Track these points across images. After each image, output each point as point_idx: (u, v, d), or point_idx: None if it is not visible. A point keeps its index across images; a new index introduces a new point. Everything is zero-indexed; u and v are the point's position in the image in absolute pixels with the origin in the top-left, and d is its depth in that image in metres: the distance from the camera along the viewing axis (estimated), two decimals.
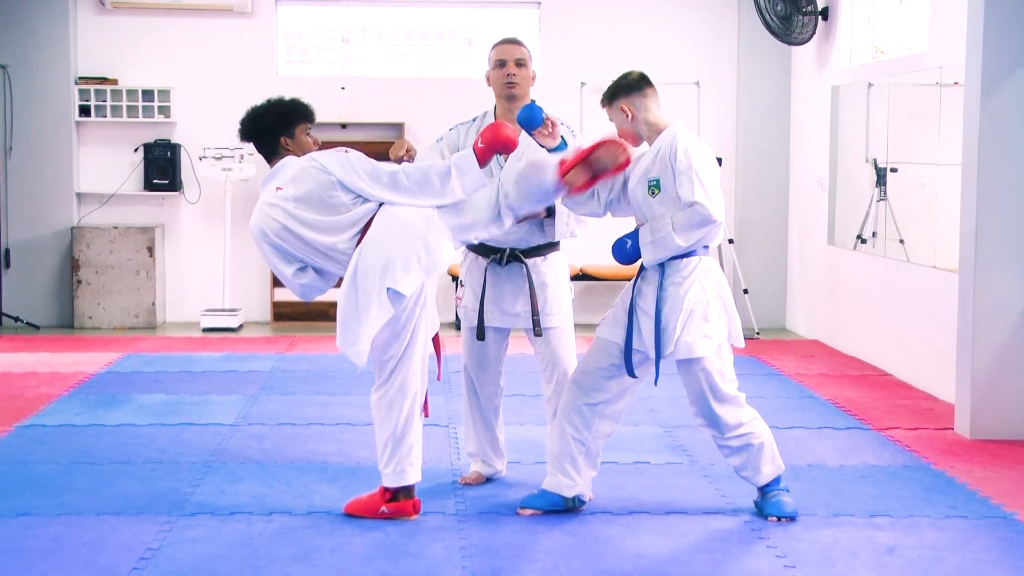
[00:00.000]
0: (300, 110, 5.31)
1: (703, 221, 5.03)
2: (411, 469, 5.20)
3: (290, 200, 5.05)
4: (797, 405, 7.79)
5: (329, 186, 5.03)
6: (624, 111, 5.21)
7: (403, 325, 5.07)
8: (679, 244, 5.06)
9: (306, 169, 5.08)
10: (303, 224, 5.03)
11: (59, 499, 5.49)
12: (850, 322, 9.87)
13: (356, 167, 5.05)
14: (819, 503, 5.56)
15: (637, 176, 5.22)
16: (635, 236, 5.17)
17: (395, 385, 5.14)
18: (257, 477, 5.91)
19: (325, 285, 5.22)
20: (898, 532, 5.18)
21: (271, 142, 5.25)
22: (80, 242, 11.12)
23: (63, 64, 11.21)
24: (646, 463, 6.27)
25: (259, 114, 5.29)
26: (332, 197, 5.03)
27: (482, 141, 5.06)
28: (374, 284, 4.92)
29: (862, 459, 6.39)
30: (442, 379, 5.54)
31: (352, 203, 5.03)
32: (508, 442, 6.16)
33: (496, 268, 5.59)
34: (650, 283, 5.19)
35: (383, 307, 4.93)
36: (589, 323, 11.03)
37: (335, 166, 5.05)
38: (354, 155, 5.12)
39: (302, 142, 5.27)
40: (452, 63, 11.91)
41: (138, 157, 11.40)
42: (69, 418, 7.19)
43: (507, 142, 5.06)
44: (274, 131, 5.24)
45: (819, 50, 10.66)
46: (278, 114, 5.27)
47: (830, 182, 10.33)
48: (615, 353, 5.23)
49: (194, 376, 8.63)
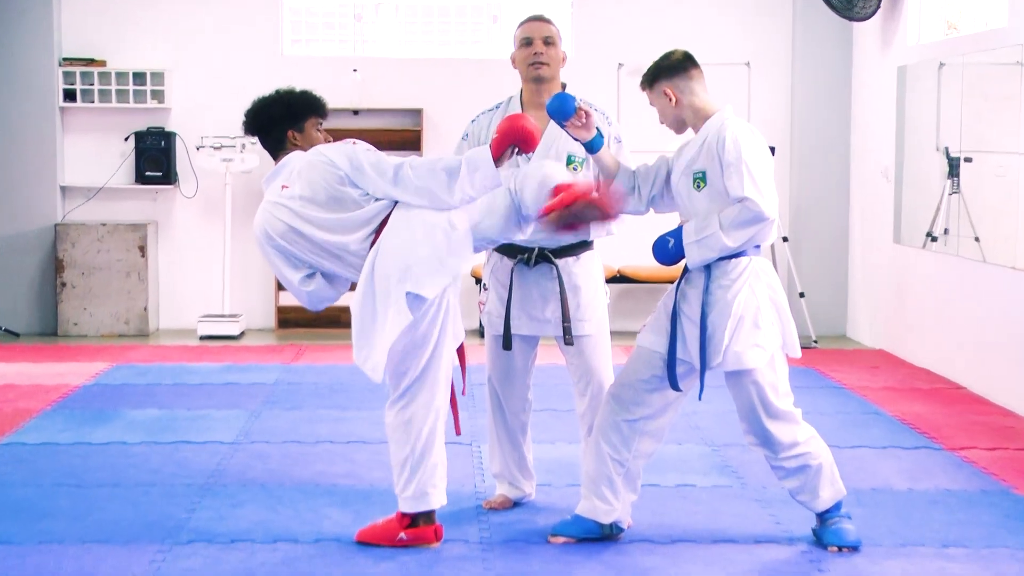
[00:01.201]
0: (311, 103, 5.33)
1: (754, 218, 5.01)
2: (434, 491, 5.19)
3: (296, 198, 5.06)
4: (860, 422, 7.76)
5: (337, 181, 5.03)
6: (667, 95, 5.18)
7: (425, 333, 5.07)
8: (727, 244, 5.04)
9: (312, 164, 5.08)
10: (311, 223, 5.03)
11: (40, 525, 5.51)
12: (919, 329, 9.82)
13: (362, 160, 5.05)
14: (885, 531, 5.53)
15: (681, 167, 5.21)
16: (678, 234, 5.14)
17: (418, 400, 5.13)
18: (260, 501, 5.92)
19: (335, 293, 5.22)
20: (974, 564, 5.14)
21: (278, 136, 5.28)
22: (64, 241, 11.17)
23: (45, 44, 11.26)
24: (691, 486, 6.26)
25: (266, 106, 5.31)
26: (341, 193, 5.03)
27: (497, 132, 5.03)
28: (392, 288, 4.92)
29: (933, 482, 6.35)
30: (466, 393, 5.54)
31: (363, 199, 5.04)
32: (538, 462, 6.15)
33: (523, 270, 5.59)
34: (695, 286, 5.17)
35: (401, 313, 4.92)
36: (628, 330, 11.02)
37: (342, 159, 5.05)
38: (361, 147, 5.13)
39: (311, 137, 5.29)
40: (475, 42, 11.92)
41: (129, 147, 11.45)
42: (52, 435, 7.22)
43: (524, 134, 4.98)
44: (281, 124, 5.27)
45: (884, 26, 10.62)
46: (287, 106, 5.29)
47: (896, 173, 10.29)
48: (657, 363, 5.21)
49: (190, 389, 8.65)
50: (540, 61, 5.56)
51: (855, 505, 5.80)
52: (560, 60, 5.64)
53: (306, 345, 10.65)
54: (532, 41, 5.59)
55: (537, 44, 5.57)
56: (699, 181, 5.13)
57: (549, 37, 5.60)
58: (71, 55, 11.40)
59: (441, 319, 5.10)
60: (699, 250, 5.08)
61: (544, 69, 5.57)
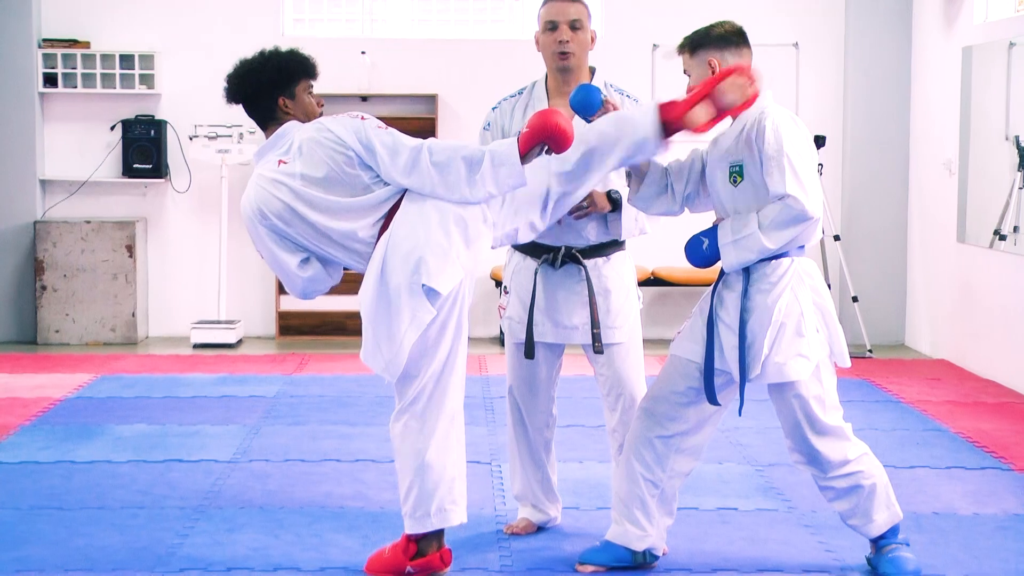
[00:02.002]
0: (300, 64, 5.30)
1: (796, 218, 4.98)
2: (453, 508, 5.14)
3: (296, 176, 5.03)
4: (919, 439, 7.75)
5: (346, 162, 5.01)
6: (711, 65, 5.13)
7: (438, 332, 5.05)
8: (766, 245, 5.02)
9: (317, 142, 5.05)
10: (313, 207, 5.00)
11: (18, 552, 5.53)
12: (985, 338, 9.81)
13: (373, 140, 5.02)
14: (948, 560, 5.52)
15: (716, 159, 5.20)
16: (713, 234, 5.13)
17: (430, 407, 5.10)
18: (259, 525, 5.93)
19: (328, 281, 5.18)
20: None
21: (267, 104, 5.23)
22: (45, 240, 11.23)
23: (23, 23, 11.32)
24: (733, 509, 6.26)
25: (252, 70, 5.25)
26: (349, 176, 5.01)
27: (528, 127, 4.99)
28: (405, 280, 4.91)
29: (1001, 506, 6.34)
30: (475, 405, 5.54)
31: (373, 181, 5.02)
32: (563, 483, 6.16)
33: (548, 271, 5.59)
34: (732, 290, 5.17)
35: (420, 308, 4.91)
36: (662, 338, 11.03)
37: (350, 137, 5.02)
38: (371, 123, 5.08)
39: (304, 103, 5.26)
40: (494, 22, 11.95)
41: (115, 136, 11.51)
42: (31, 454, 7.25)
43: (557, 132, 4.93)
44: (271, 91, 5.21)
45: (947, 2, 10.61)
46: (276, 69, 5.24)
47: (960, 165, 10.28)
48: (693, 374, 5.21)
49: (183, 403, 8.68)
50: (566, 51, 5.50)
51: (914, 531, 5.79)
52: (589, 44, 5.57)
53: (310, 354, 10.68)
54: (557, 25, 5.50)
55: (563, 30, 5.49)
56: (735, 175, 5.12)
57: (577, 20, 5.51)
58: (52, 36, 11.47)
59: (457, 317, 5.08)
60: (736, 252, 5.07)
61: (570, 59, 5.51)
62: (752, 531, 5.93)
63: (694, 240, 5.17)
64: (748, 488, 6.65)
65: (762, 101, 5.13)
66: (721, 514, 6.18)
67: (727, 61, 5.13)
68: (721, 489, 6.60)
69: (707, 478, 6.73)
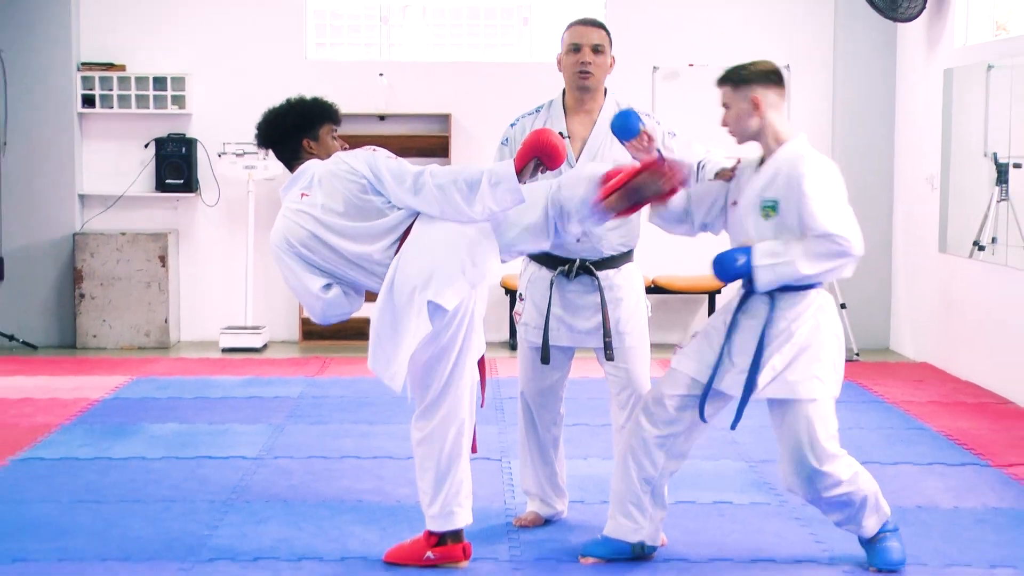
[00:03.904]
0: (324, 110, 5.36)
1: (840, 253, 4.93)
2: (460, 511, 5.20)
3: (317, 206, 5.08)
4: (903, 437, 7.74)
5: (359, 190, 5.06)
6: (754, 102, 5.08)
7: (447, 344, 5.09)
8: (803, 273, 4.94)
9: (333, 173, 5.10)
10: (333, 232, 5.05)
11: (59, 543, 5.55)
12: (965, 342, 9.80)
13: (381, 168, 5.06)
14: (930, 551, 5.52)
15: (749, 194, 5.12)
16: (748, 252, 5.01)
17: (439, 414, 5.15)
18: (284, 518, 5.95)
19: (349, 308, 5.20)
20: None
21: (293, 146, 5.30)
22: (83, 250, 11.25)
23: (64, 48, 11.35)
24: (728, 503, 6.26)
25: (279, 116, 5.33)
26: (363, 201, 5.05)
27: (522, 145, 5.03)
28: (413, 297, 4.94)
29: (980, 500, 6.34)
30: (487, 406, 5.55)
31: (385, 207, 5.06)
32: (570, 478, 6.16)
33: (563, 281, 5.60)
34: (754, 316, 5.09)
35: (422, 323, 4.94)
36: (663, 342, 11.03)
37: (363, 168, 5.07)
38: (381, 154, 5.14)
39: (327, 145, 5.31)
40: (505, 45, 11.96)
41: (149, 154, 11.53)
42: (71, 451, 7.26)
43: (549, 149, 4.97)
44: (296, 134, 5.29)
45: (930, 27, 10.61)
46: (300, 115, 5.31)
47: (942, 180, 10.27)
48: (692, 388, 5.19)
49: (212, 403, 8.70)
50: (587, 71, 5.55)
51: (899, 524, 5.79)
52: (608, 67, 5.63)
53: (331, 358, 10.69)
54: (580, 48, 5.57)
55: (585, 52, 5.56)
56: (769, 210, 5.04)
57: (598, 44, 5.59)
58: (90, 60, 11.49)
59: (464, 331, 5.11)
60: (770, 274, 4.97)
61: (590, 79, 5.57)
62: (746, 523, 5.93)
63: (728, 256, 5.04)
64: (742, 483, 6.65)
65: (797, 144, 5.09)
66: (717, 507, 6.19)
67: (768, 99, 5.08)
68: (717, 484, 6.60)
69: (704, 474, 6.74)
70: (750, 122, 5.10)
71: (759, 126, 5.11)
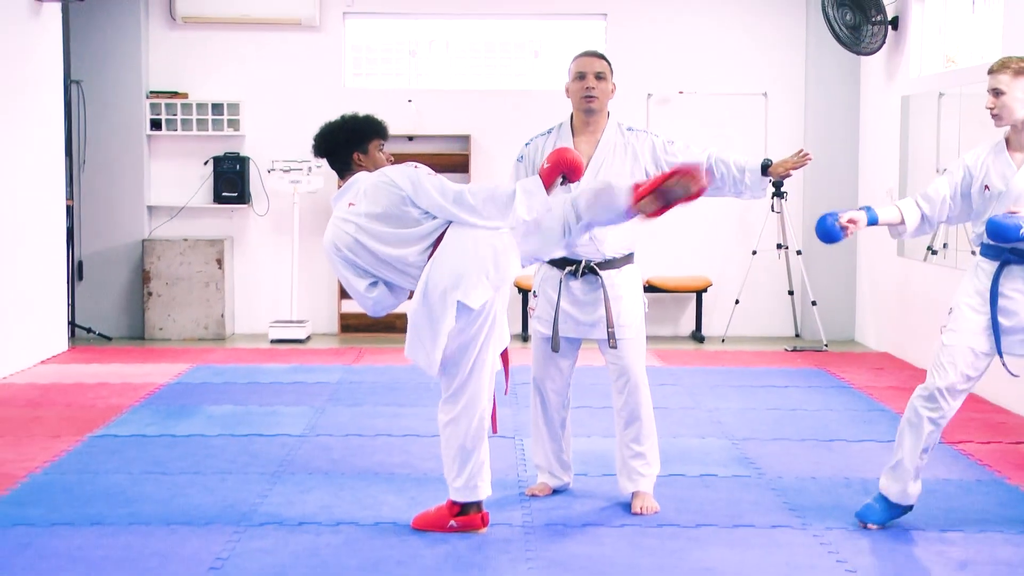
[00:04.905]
0: (374, 126, 5.34)
1: None
2: (482, 484, 5.20)
3: (362, 215, 5.08)
4: (866, 418, 7.71)
5: (400, 201, 5.05)
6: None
7: (472, 339, 5.08)
8: None
9: (377, 185, 5.11)
10: (374, 238, 5.05)
11: (130, 509, 5.55)
12: (920, 334, 9.76)
13: (424, 183, 5.07)
14: None
15: (1015, 179, 5.13)
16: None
17: (464, 400, 5.15)
18: (325, 488, 5.94)
19: (395, 301, 5.23)
20: (971, 547, 5.11)
21: (344, 158, 5.28)
22: (151, 254, 11.26)
23: (135, 79, 11.37)
24: (713, 475, 6.24)
25: (333, 130, 5.32)
26: (402, 211, 5.05)
27: (548, 162, 5.06)
28: (445, 297, 4.95)
29: (933, 473, 6.30)
30: (509, 393, 5.54)
31: (422, 217, 5.06)
32: (575, 454, 6.15)
33: (571, 280, 5.61)
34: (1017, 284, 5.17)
35: (450, 319, 4.96)
36: (655, 335, 11.00)
37: (404, 181, 5.07)
38: (423, 170, 5.14)
39: (375, 158, 5.30)
40: (518, 75, 11.93)
41: (208, 170, 11.53)
42: (140, 428, 7.27)
43: (573, 165, 5.03)
44: (348, 147, 5.27)
45: (889, 60, 10.58)
46: (352, 130, 5.30)
47: (900, 193, 10.23)
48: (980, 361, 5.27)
49: (262, 387, 8.69)
50: (591, 95, 5.57)
51: (863, 494, 5.78)
52: (609, 92, 5.65)
53: (366, 348, 10.68)
54: (585, 75, 5.58)
55: (589, 79, 5.58)
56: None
57: (601, 72, 5.60)
58: (157, 88, 11.50)
59: (488, 327, 5.11)
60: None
61: (594, 103, 5.58)
62: (729, 494, 5.91)
63: (1011, 224, 5.02)
64: (726, 459, 6.63)
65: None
66: (703, 480, 6.17)
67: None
68: (703, 459, 6.58)
69: (692, 450, 6.72)
70: (1020, 110, 5.12)
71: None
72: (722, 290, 11.52)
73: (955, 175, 5.33)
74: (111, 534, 5.18)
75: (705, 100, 11.39)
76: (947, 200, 5.33)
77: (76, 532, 5.20)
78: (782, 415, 7.73)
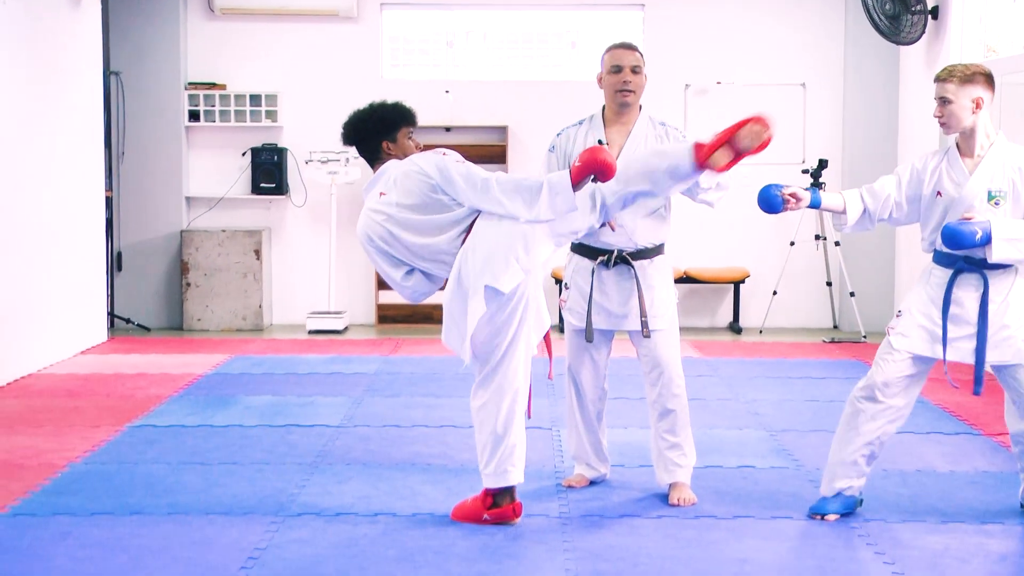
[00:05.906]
0: (403, 114, 5.33)
1: None
2: (513, 470, 5.16)
3: (393, 204, 5.09)
4: None
5: (429, 189, 5.06)
6: (975, 102, 5.09)
7: (504, 323, 5.07)
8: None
9: (407, 173, 5.11)
10: (406, 228, 5.06)
11: (169, 498, 5.58)
12: None
13: (451, 170, 5.06)
14: (928, 509, 5.48)
15: (966, 185, 5.10)
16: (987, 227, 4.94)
17: (495, 383, 5.13)
18: (362, 478, 5.96)
19: (432, 288, 5.23)
20: (1010, 540, 5.08)
21: (373, 146, 5.29)
22: (189, 245, 11.31)
23: (174, 70, 11.42)
24: (751, 467, 6.22)
25: (362, 119, 5.32)
26: (432, 199, 5.05)
27: (579, 161, 4.98)
28: (475, 282, 4.95)
29: (972, 465, 6.28)
30: (539, 381, 5.52)
31: (452, 203, 5.05)
32: (611, 445, 6.15)
33: (603, 271, 5.59)
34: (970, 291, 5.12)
35: (480, 303, 4.94)
36: (693, 326, 11.00)
37: (432, 169, 5.07)
38: (451, 157, 5.13)
39: (404, 146, 5.29)
40: (555, 66, 11.92)
41: (246, 161, 11.58)
42: (179, 418, 7.31)
43: (604, 166, 4.92)
44: (376, 135, 5.27)
45: (928, 49, 10.50)
46: (380, 119, 5.30)
47: None
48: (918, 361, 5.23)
49: (300, 378, 8.72)
50: (628, 89, 5.55)
51: (901, 486, 5.75)
52: (643, 85, 5.64)
53: (403, 339, 10.70)
54: (622, 69, 5.56)
55: (626, 72, 5.56)
56: (998, 198, 5.05)
57: (637, 66, 5.59)
58: (196, 80, 11.55)
59: (521, 311, 5.09)
60: (1008, 249, 4.97)
61: (630, 96, 5.57)
62: (766, 485, 5.89)
63: (967, 231, 4.97)
64: (764, 450, 6.61)
65: (1004, 139, 5.14)
66: (741, 471, 6.15)
67: (987, 100, 5.10)
68: (741, 451, 6.56)
69: (729, 441, 6.70)
70: (969, 118, 5.12)
71: (973, 123, 5.12)
72: (760, 281, 11.48)
73: (902, 176, 5.29)
74: (150, 523, 5.20)
75: (743, 91, 11.34)
76: (891, 199, 5.27)
77: (116, 521, 5.23)
78: (820, 407, 7.70)
